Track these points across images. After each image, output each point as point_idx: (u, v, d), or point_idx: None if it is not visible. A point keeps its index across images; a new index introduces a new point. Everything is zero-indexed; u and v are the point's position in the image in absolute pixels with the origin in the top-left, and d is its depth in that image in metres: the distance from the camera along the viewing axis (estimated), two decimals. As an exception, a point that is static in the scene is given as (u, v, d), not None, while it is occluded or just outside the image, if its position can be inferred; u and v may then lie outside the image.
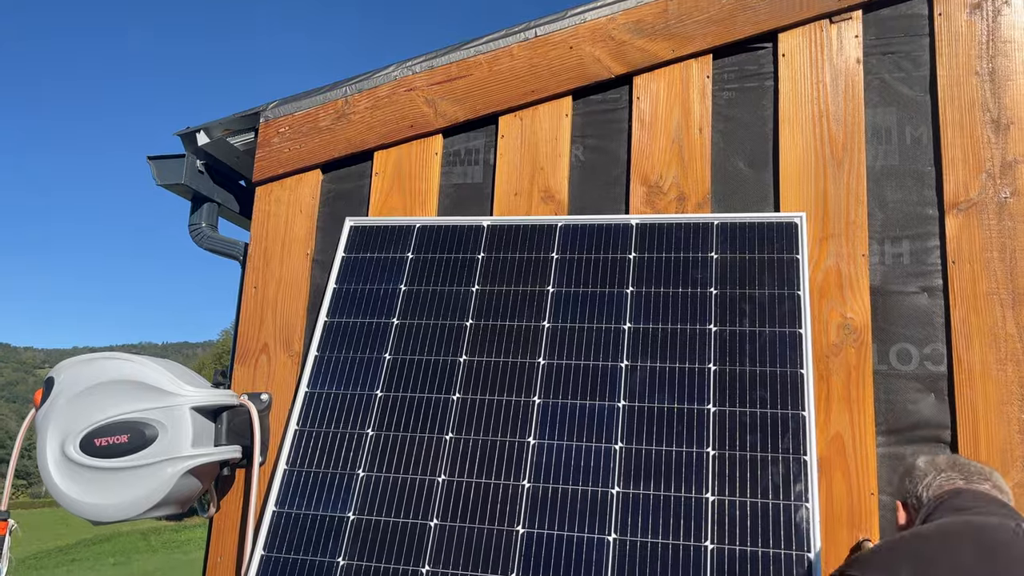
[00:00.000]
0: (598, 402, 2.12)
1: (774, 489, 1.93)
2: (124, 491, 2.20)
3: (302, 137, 2.72)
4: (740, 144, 2.42)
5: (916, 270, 2.20)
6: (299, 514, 2.15)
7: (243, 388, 2.56)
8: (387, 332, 2.36)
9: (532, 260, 2.38)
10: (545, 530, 1.99)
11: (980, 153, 2.23)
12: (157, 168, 2.76)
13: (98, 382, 2.24)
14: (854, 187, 2.28)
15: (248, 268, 2.69)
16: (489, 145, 2.61)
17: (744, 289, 2.19)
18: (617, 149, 2.51)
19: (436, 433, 2.18)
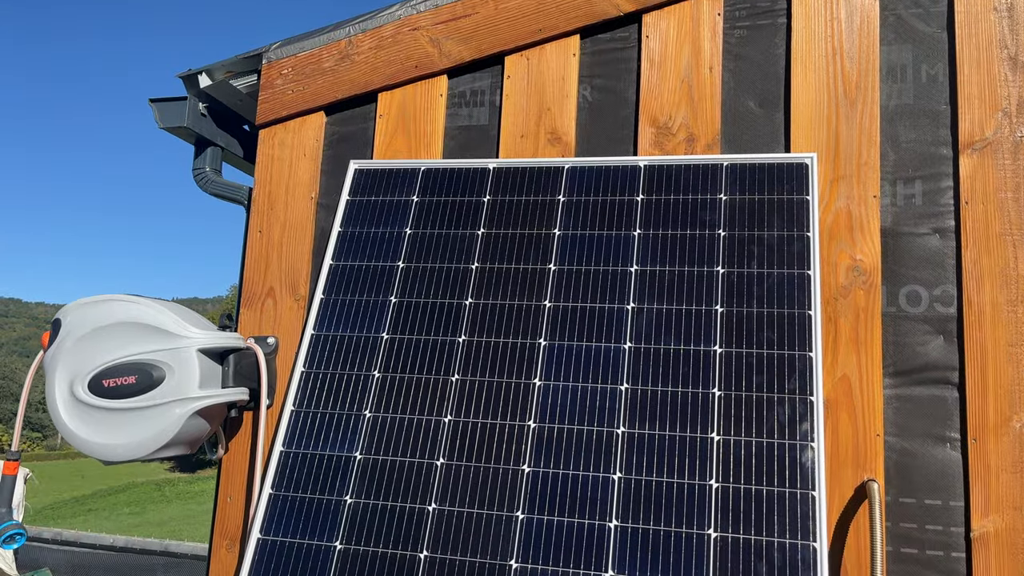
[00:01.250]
0: (604, 344, 2.11)
1: (780, 429, 1.93)
2: (133, 431, 2.22)
3: (305, 79, 2.68)
4: (751, 83, 2.37)
5: (928, 211, 2.17)
6: (306, 454, 2.17)
7: (249, 332, 2.56)
8: (392, 275, 2.35)
9: (538, 203, 2.35)
10: (551, 469, 2.00)
11: (997, 91, 2.17)
12: (159, 111, 2.73)
13: (105, 324, 2.24)
14: (867, 127, 2.24)
15: (253, 212, 2.67)
16: (495, 86, 2.57)
17: (753, 231, 2.16)
18: (626, 89, 2.46)
19: (442, 375, 2.18)
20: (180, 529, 18.43)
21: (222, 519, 2.48)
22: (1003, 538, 1.96)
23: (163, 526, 19.79)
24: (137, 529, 18.25)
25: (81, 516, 23.53)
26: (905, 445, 2.06)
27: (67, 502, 26.79)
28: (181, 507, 24.35)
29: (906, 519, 2.02)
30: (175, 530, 18.09)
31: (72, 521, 21.79)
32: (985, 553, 1.96)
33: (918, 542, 2.00)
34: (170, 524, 20.44)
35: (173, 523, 20.69)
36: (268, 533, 2.10)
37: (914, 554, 2.00)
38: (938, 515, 2.01)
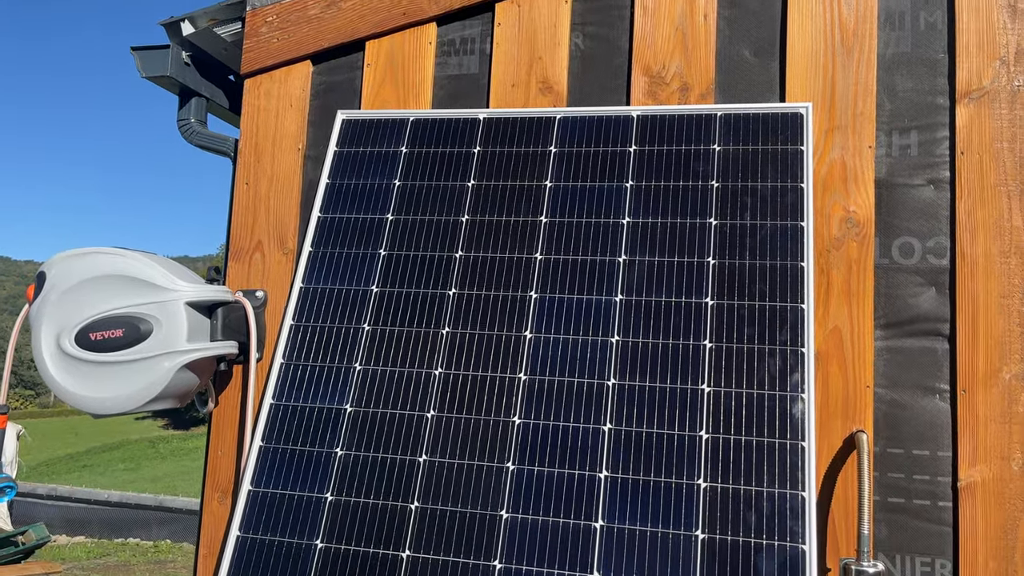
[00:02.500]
0: (595, 296, 2.10)
1: (771, 380, 1.93)
2: (122, 384, 2.21)
3: (291, 26, 2.61)
4: (746, 31, 2.32)
5: (924, 162, 2.15)
6: (296, 406, 2.16)
7: (238, 285, 2.54)
8: (382, 228, 2.32)
9: (530, 154, 2.32)
10: (542, 420, 2.00)
11: (995, 39, 2.14)
12: (141, 59, 2.67)
13: (91, 276, 2.22)
14: (863, 76, 2.20)
15: (239, 164, 2.63)
16: (485, 34, 2.51)
17: (746, 182, 2.14)
18: (618, 38, 2.41)
19: (432, 328, 2.17)
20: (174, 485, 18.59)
21: (213, 472, 2.48)
22: (990, 487, 1.98)
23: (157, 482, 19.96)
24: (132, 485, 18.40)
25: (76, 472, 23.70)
26: (895, 396, 2.07)
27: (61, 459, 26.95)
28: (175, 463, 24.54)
29: (894, 469, 2.04)
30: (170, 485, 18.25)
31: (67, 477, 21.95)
32: (971, 502, 1.98)
33: (905, 492, 2.02)
34: (165, 480, 20.62)
35: (167, 479, 20.86)
36: (259, 485, 2.10)
37: (901, 503, 2.02)
38: (926, 465, 2.02)
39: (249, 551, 2.03)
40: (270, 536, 2.03)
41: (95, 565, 9.70)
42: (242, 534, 2.05)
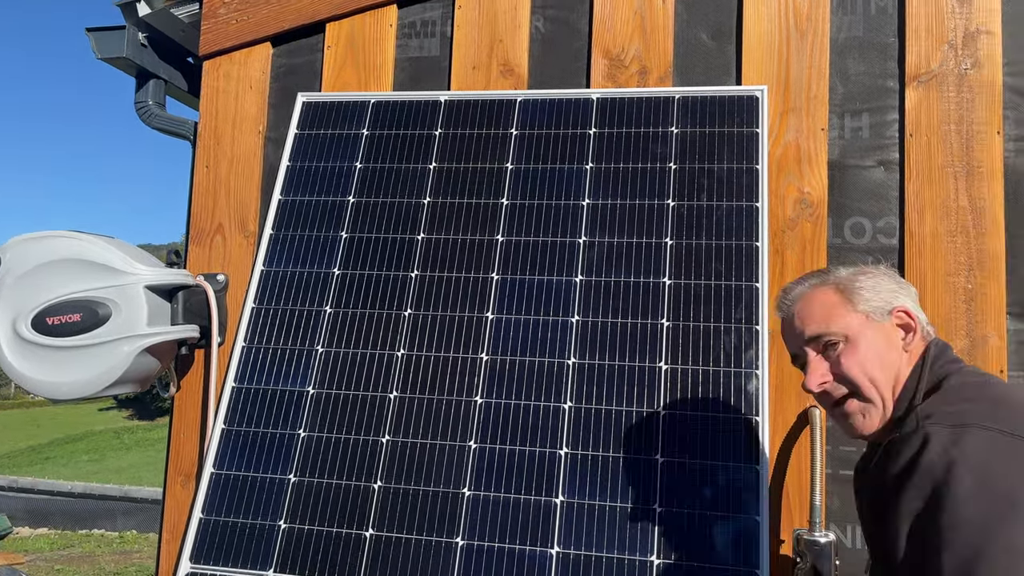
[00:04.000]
0: (556, 277, 2.13)
1: (726, 357, 1.98)
2: (81, 369, 2.19)
3: (250, 7, 2.59)
4: (704, 15, 2.35)
5: (874, 143, 2.20)
6: (259, 389, 2.17)
7: (199, 269, 2.52)
8: (343, 210, 2.32)
9: (491, 136, 2.33)
10: (503, 400, 2.03)
11: (944, 23, 2.19)
12: (96, 40, 2.63)
13: (47, 260, 2.19)
14: (817, 60, 2.25)
15: (198, 147, 2.60)
16: (446, 16, 2.52)
17: (703, 164, 2.18)
18: (578, 20, 2.43)
19: (395, 309, 2.18)
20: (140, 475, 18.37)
21: (176, 456, 2.47)
22: (935, 459, 2.05)
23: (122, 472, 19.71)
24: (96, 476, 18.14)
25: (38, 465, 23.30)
26: (846, 372, 2.12)
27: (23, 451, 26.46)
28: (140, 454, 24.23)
29: (845, 443, 2.10)
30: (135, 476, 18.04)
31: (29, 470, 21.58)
32: (918, 473, 2.05)
33: (856, 464, 2.08)
34: (130, 470, 20.36)
35: (133, 469, 20.61)
36: (222, 467, 2.10)
37: (852, 476, 2.08)
38: (875, 438, 2.08)
39: (212, 533, 2.03)
40: (233, 518, 2.03)
41: (59, 556, 9.58)
42: (205, 516, 2.05)
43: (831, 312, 1.39)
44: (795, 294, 1.46)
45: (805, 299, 1.43)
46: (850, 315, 1.38)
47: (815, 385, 1.38)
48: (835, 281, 1.43)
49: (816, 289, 1.44)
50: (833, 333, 1.37)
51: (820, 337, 1.38)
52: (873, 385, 1.34)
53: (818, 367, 1.38)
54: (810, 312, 1.41)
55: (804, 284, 1.46)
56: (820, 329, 1.39)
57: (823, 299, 1.42)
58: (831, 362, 1.37)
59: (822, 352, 1.38)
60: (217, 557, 2.00)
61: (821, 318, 1.39)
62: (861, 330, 1.37)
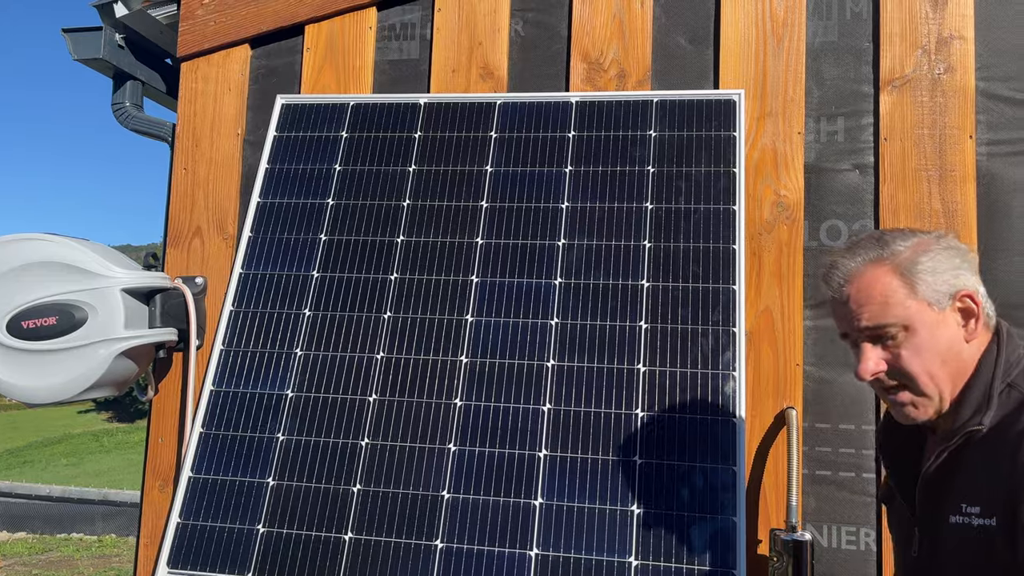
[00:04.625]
0: (535, 280, 2.14)
1: (703, 359, 1.99)
2: (58, 373, 2.17)
3: (228, 9, 2.58)
4: (682, 19, 2.37)
5: (849, 147, 2.23)
6: (237, 392, 2.16)
7: (177, 272, 2.51)
8: (322, 213, 2.32)
9: (470, 139, 2.33)
10: (483, 402, 2.03)
11: (918, 29, 2.22)
12: (73, 41, 2.61)
13: (20, 264, 2.17)
14: (793, 64, 2.27)
15: (177, 149, 2.59)
16: (425, 19, 2.52)
17: (681, 167, 2.19)
18: (558, 24, 2.44)
19: (374, 312, 2.18)
20: (120, 479, 18.20)
21: (154, 460, 2.46)
22: (910, 459, 2.07)
23: (102, 476, 19.51)
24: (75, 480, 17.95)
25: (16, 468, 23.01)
26: (822, 374, 2.15)
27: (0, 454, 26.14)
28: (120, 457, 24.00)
29: (821, 443, 2.12)
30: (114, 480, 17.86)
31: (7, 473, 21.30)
32: (893, 473, 2.07)
33: (832, 464, 2.11)
34: (109, 474, 20.15)
35: (112, 473, 20.40)
36: (200, 471, 2.09)
37: (828, 476, 2.11)
38: (851, 439, 2.11)
39: (190, 537, 2.02)
40: (211, 522, 2.02)
41: (38, 560, 9.47)
42: (183, 521, 2.04)
43: (890, 300, 1.26)
44: (848, 271, 1.31)
45: (860, 279, 1.29)
46: (909, 302, 1.26)
47: (868, 375, 1.28)
48: (893, 260, 1.29)
49: (872, 268, 1.29)
50: (891, 324, 1.26)
51: (877, 328, 1.27)
52: (931, 380, 1.26)
53: (871, 355, 1.27)
54: (868, 297, 1.27)
55: (858, 258, 1.31)
56: (878, 320, 1.26)
57: (882, 285, 1.28)
58: (887, 353, 1.27)
59: (877, 341, 1.28)
60: (195, 562, 1.99)
61: (879, 307, 1.26)
62: (921, 319, 1.26)
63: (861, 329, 1.28)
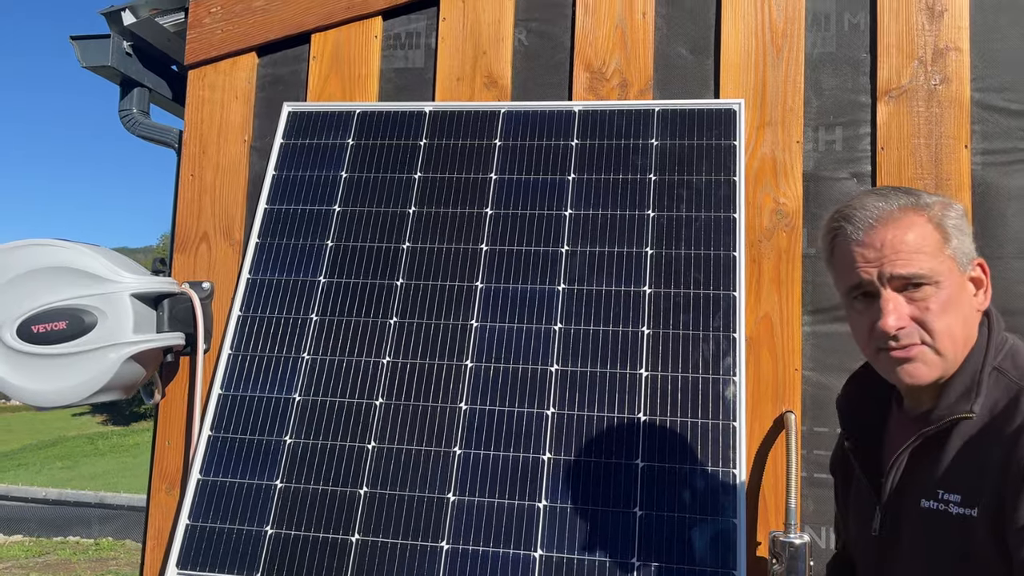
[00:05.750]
0: (539, 286, 2.17)
1: (704, 364, 2.03)
2: (67, 376, 2.20)
3: (235, 18, 2.61)
4: (683, 30, 2.41)
5: (847, 156, 2.27)
6: (245, 396, 2.19)
7: (184, 277, 2.54)
8: (329, 219, 2.35)
9: (475, 147, 2.37)
10: (487, 406, 2.07)
11: (914, 40, 2.27)
12: (81, 49, 2.64)
13: (30, 269, 2.20)
14: (792, 74, 2.31)
15: (184, 156, 2.62)
16: (431, 28, 2.56)
17: (682, 175, 2.23)
18: (561, 34, 2.48)
19: (381, 317, 2.21)
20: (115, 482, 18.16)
21: (161, 463, 2.48)
22: (906, 462, 2.11)
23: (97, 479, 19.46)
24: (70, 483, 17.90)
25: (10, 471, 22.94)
26: (821, 379, 2.19)
27: (-6, 457, 26.04)
28: (115, 460, 23.94)
29: (820, 447, 2.16)
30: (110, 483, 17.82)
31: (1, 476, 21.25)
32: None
33: (830, 468, 2.14)
34: (104, 477, 20.10)
35: (108, 476, 20.35)
36: (208, 474, 2.12)
37: (826, 478, 2.14)
38: (849, 442, 2.15)
39: (199, 539, 2.05)
40: (220, 524, 2.06)
41: (35, 564, 9.46)
42: (191, 522, 2.07)
43: (927, 250, 1.20)
44: (881, 212, 1.22)
45: (898, 223, 1.21)
46: (943, 256, 1.21)
47: (894, 327, 1.19)
48: (929, 209, 1.23)
49: (908, 214, 1.22)
50: (926, 276, 1.19)
51: (912, 277, 1.19)
52: (951, 340, 1.21)
53: (900, 307, 1.20)
54: (903, 242, 1.19)
55: (890, 201, 1.23)
56: (916, 268, 1.19)
57: (920, 231, 1.21)
58: (915, 306, 1.20)
59: (902, 291, 1.21)
60: (204, 563, 2.02)
61: (919, 255, 1.19)
62: (951, 277, 1.21)
63: (893, 276, 1.19)
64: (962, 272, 1.24)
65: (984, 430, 1.19)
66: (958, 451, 1.21)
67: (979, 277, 1.27)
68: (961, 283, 1.23)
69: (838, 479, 1.54)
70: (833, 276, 1.31)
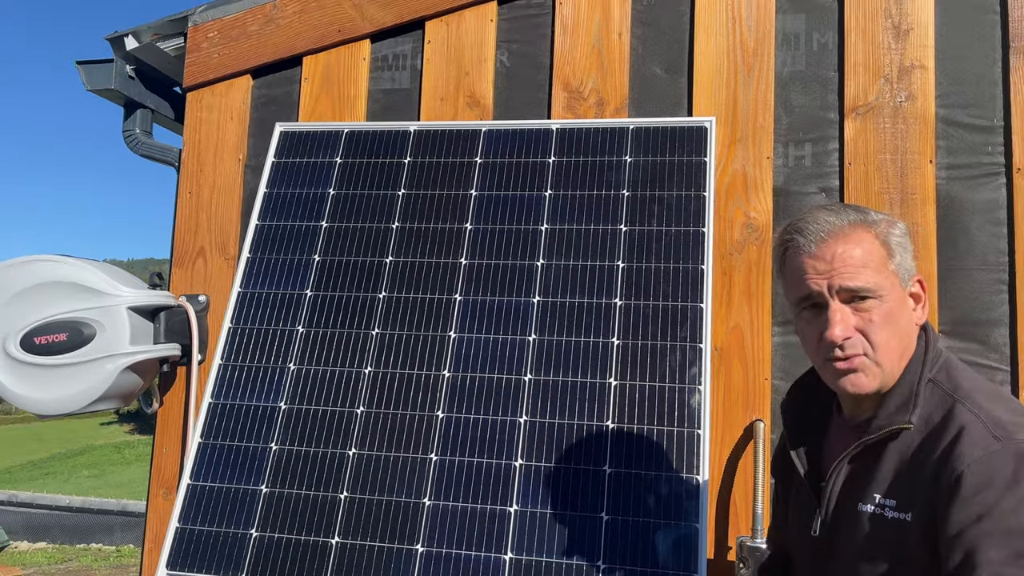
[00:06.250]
0: (515, 298, 2.25)
1: (671, 374, 2.10)
2: (67, 386, 2.32)
3: (231, 42, 2.73)
4: (658, 50, 2.49)
5: (816, 171, 2.33)
6: (234, 405, 2.29)
7: (181, 290, 2.65)
8: (316, 235, 2.45)
9: (457, 164, 2.46)
10: (463, 414, 2.15)
11: (880, 59, 2.33)
12: (86, 73, 2.77)
13: (33, 284, 2.32)
14: (763, 92, 2.38)
15: (182, 174, 2.74)
16: (416, 50, 2.66)
17: (654, 191, 2.31)
18: (541, 55, 2.57)
19: (363, 329, 2.30)
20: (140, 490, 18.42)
21: (158, 469, 2.59)
22: (872, 470, 2.16)
23: (123, 487, 19.76)
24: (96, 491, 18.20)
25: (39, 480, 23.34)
26: (790, 388, 2.24)
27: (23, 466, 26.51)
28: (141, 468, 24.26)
29: (788, 455, 2.21)
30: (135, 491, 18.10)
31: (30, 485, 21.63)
32: (856, 483, 2.16)
33: (798, 475, 2.20)
34: (130, 485, 20.41)
35: (133, 484, 20.65)
36: (198, 479, 2.22)
37: (794, 486, 2.20)
38: (816, 450, 2.20)
39: (188, 541, 2.15)
40: (208, 527, 2.15)
41: (57, 570, 9.66)
42: (181, 525, 2.17)
43: (873, 264, 1.26)
44: (833, 227, 1.28)
45: (848, 238, 1.27)
46: (887, 271, 1.27)
47: (840, 337, 1.25)
48: (876, 226, 1.30)
49: (857, 230, 1.28)
50: (871, 290, 1.25)
51: (860, 290, 1.25)
52: (890, 352, 1.27)
53: (846, 318, 1.26)
54: (852, 256, 1.26)
55: (840, 216, 1.30)
56: (862, 282, 1.25)
57: (869, 247, 1.27)
58: (860, 318, 1.26)
59: (849, 303, 1.26)
60: (192, 564, 2.11)
61: (865, 269, 1.25)
62: (893, 291, 1.27)
63: (841, 288, 1.25)
64: (903, 287, 1.30)
65: (920, 440, 1.25)
66: (895, 459, 1.27)
67: (918, 293, 1.33)
68: (902, 298, 1.29)
69: (779, 481, 1.60)
70: (784, 287, 1.38)
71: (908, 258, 1.31)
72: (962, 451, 1.18)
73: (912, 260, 1.32)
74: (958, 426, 1.21)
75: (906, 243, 1.31)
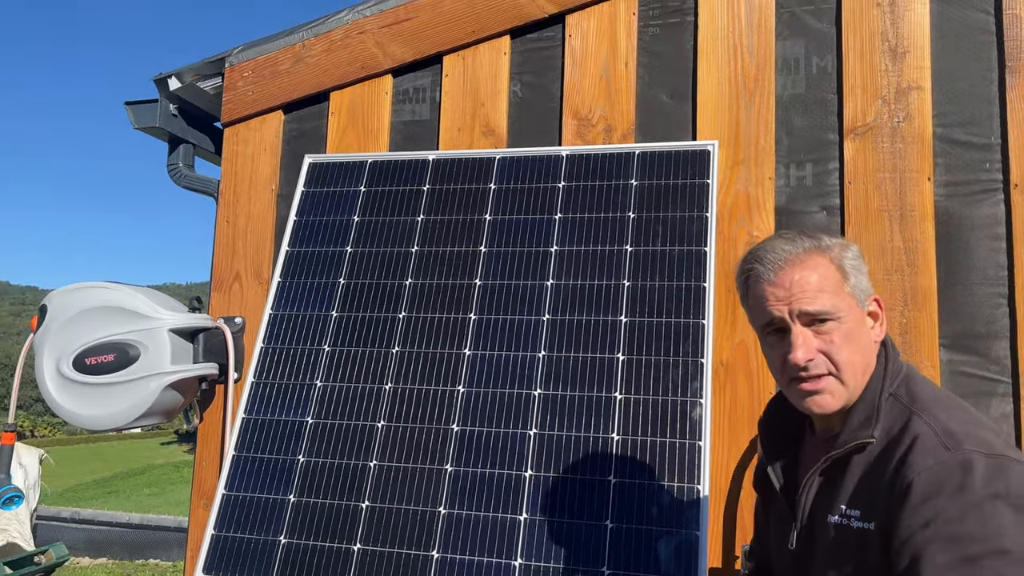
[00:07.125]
0: (526, 317, 2.37)
1: (674, 388, 2.19)
2: (114, 403, 2.51)
3: (264, 80, 2.93)
4: (663, 77, 2.60)
5: (817, 191, 2.41)
6: (265, 419, 2.45)
7: (219, 313, 2.84)
8: (341, 259, 2.61)
9: (472, 191, 2.60)
10: (476, 427, 2.27)
11: (878, 80, 2.40)
12: (134, 113, 2.99)
13: (85, 308, 2.52)
14: (764, 115, 2.47)
15: (220, 204, 2.93)
16: (435, 84, 2.81)
17: (659, 213, 2.41)
18: (551, 85, 2.70)
19: (384, 348, 2.44)
20: (196, 508, 18.85)
21: (199, 481, 2.77)
22: (875, 480, 2.21)
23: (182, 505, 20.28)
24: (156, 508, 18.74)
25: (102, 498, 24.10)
26: (794, 401, 2.31)
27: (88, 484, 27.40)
28: (198, 487, 24.82)
29: (793, 466, 2.27)
30: (191, 509, 18.53)
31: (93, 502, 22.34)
32: (860, 494, 2.21)
33: (802, 486, 2.26)
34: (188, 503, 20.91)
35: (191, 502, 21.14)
36: (231, 489, 2.38)
37: (798, 496, 2.26)
38: (820, 462, 2.26)
39: (222, 547, 2.30)
40: (240, 534, 2.31)
41: (116, 585, 9.99)
42: (216, 532, 2.33)
43: (831, 288, 1.32)
44: (789, 255, 1.35)
45: (804, 264, 1.34)
46: (843, 293, 1.33)
47: (803, 359, 1.31)
48: (829, 251, 1.36)
49: (812, 256, 1.35)
50: (829, 312, 1.31)
51: (819, 313, 1.31)
52: (853, 371, 1.33)
53: (808, 341, 1.32)
54: (808, 282, 1.32)
55: (796, 244, 1.36)
56: (821, 305, 1.31)
57: (825, 271, 1.33)
58: (821, 340, 1.32)
59: (809, 326, 1.33)
60: (226, 568, 2.27)
61: (823, 293, 1.32)
62: (851, 312, 1.33)
63: (801, 313, 1.31)
64: (860, 307, 1.36)
65: (880, 452, 1.32)
66: (859, 471, 1.34)
67: (875, 311, 1.39)
68: (860, 317, 1.35)
69: (759, 495, 1.68)
70: (748, 314, 1.45)
71: (863, 279, 1.38)
72: (914, 460, 1.24)
73: (867, 280, 1.39)
74: (912, 436, 1.28)
75: (860, 265, 1.38)
